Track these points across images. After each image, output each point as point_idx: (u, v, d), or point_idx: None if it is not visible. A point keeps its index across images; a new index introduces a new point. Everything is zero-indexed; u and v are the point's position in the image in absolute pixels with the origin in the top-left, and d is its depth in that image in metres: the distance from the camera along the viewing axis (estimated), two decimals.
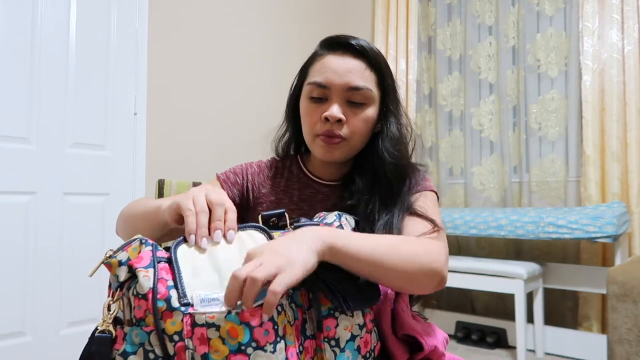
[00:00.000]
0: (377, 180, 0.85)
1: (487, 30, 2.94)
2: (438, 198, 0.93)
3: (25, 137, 1.94)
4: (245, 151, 2.70)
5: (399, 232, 0.78)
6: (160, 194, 1.15)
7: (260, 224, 0.67)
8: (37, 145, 1.97)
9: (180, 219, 0.63)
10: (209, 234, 0.60)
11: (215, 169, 2.58)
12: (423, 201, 0.84)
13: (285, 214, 0.72)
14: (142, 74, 2.32)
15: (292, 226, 0.71)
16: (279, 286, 0.49)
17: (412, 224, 0.79)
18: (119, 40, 2.25)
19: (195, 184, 1.19)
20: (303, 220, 0.73)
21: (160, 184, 1.15)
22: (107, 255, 0.51)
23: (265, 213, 0.72)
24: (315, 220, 0.71)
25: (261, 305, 0.50)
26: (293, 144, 1.00)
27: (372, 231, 0.77)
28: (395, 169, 0.84)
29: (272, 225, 0.72)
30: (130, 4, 2.29)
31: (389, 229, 0.78)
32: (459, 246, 2.89)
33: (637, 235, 2.31)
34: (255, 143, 2.70)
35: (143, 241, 0.52)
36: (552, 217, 2.23)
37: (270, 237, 0.65)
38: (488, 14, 2.92)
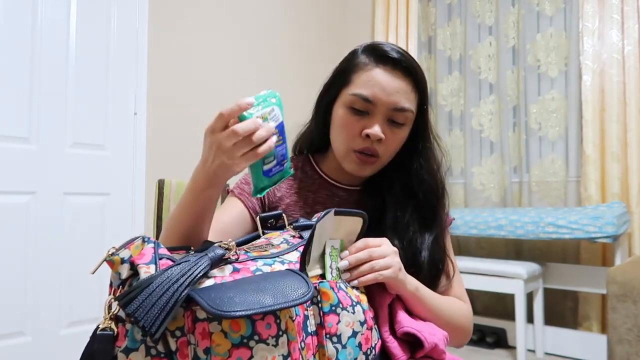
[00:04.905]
0: (411, 196, 0.86)
1: (487, 30, 2.95)
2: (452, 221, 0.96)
3: (25, 137, 1.94)
4: None
5: (443, 258, 0.88)
6: (160, 194, 1.14)
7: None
8: (37, 145, 1.97)
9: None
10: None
11: None
12: (449, 242, 0.91)
13: (283, 215, 0.73)
14: (142, 74, 2.32)
15: (292, 226, 0.72)
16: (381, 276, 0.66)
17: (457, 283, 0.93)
18: (119, 40, 2.25)
19: None
20: (302, 220, 0.73)
21: (160, 184, 1.14)
22: (110, 252, 0.51)
23: (262, 215, 0.72)
24: (314, 220, 0.71)
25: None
26: (308, 143, 0.97)
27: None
28: (434, 190, 0.87)
29: (270, 226, 0.72)
30: (130, 4, 2.29)
31: (433, 252, 0.85)
32: (459, 246, 2.89)
33: (637, 235, 2.31)
34: None
35: (145, 239, 0.53)
36: (552, 217, 2.23)
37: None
38: (488, 14, 2.92)
